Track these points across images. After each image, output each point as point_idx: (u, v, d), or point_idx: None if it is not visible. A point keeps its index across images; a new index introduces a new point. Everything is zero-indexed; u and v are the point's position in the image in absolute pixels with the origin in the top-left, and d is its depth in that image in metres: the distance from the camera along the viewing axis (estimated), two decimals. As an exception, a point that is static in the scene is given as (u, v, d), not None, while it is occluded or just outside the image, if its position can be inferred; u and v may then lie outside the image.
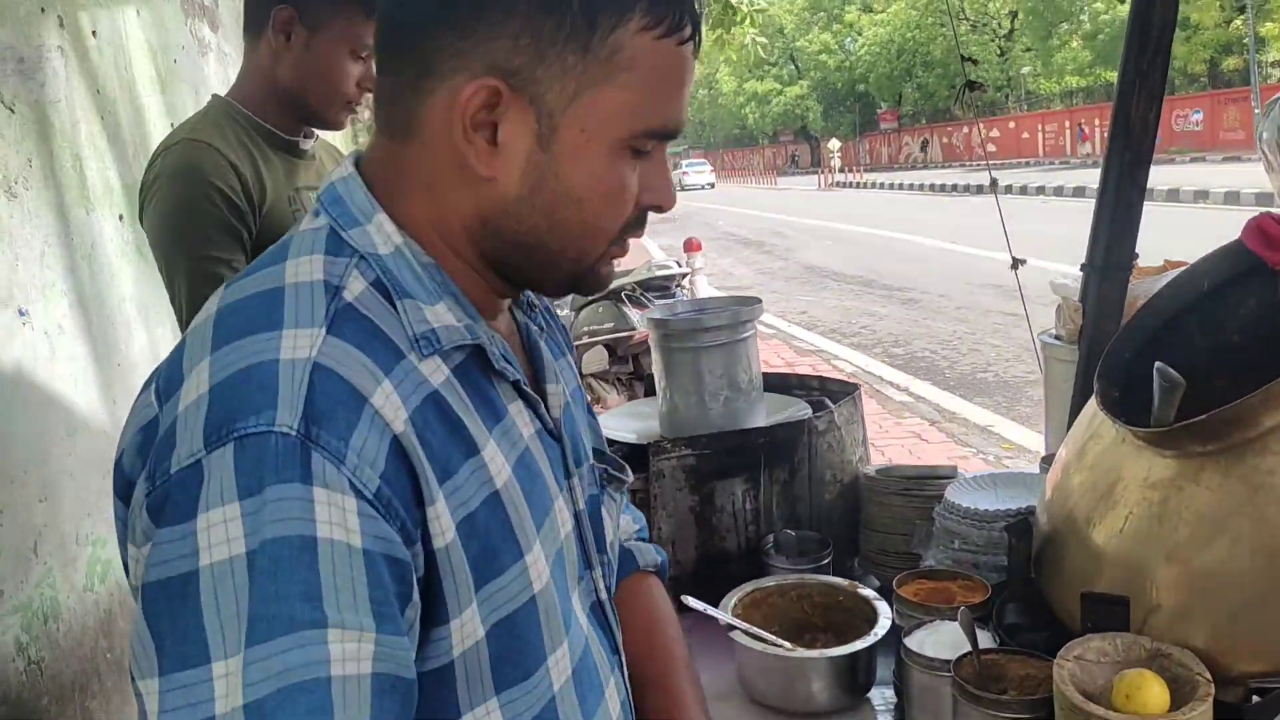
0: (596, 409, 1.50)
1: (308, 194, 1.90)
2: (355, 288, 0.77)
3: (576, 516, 0.92)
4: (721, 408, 1.89)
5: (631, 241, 0.88)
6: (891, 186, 33.09)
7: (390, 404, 0.72)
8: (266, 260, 0.81)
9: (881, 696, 1.50)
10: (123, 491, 0.76)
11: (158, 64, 2.99)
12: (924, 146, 41.91)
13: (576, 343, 6.89)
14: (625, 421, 2.08)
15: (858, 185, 36.58)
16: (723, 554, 1.79)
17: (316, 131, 2.01)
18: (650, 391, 2.13)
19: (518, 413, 0.85)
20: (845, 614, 1.57)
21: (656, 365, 1.96)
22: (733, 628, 1.50)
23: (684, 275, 6.97)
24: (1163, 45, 1.43)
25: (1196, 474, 1.19)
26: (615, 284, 6.72)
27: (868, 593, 1.57)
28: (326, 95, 1.87)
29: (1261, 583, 1.08)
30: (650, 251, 16.42)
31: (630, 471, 1.07)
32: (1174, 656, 1.12)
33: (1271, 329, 1.42)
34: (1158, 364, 1.19)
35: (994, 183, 2.29)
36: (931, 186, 29.22)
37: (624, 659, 0.99)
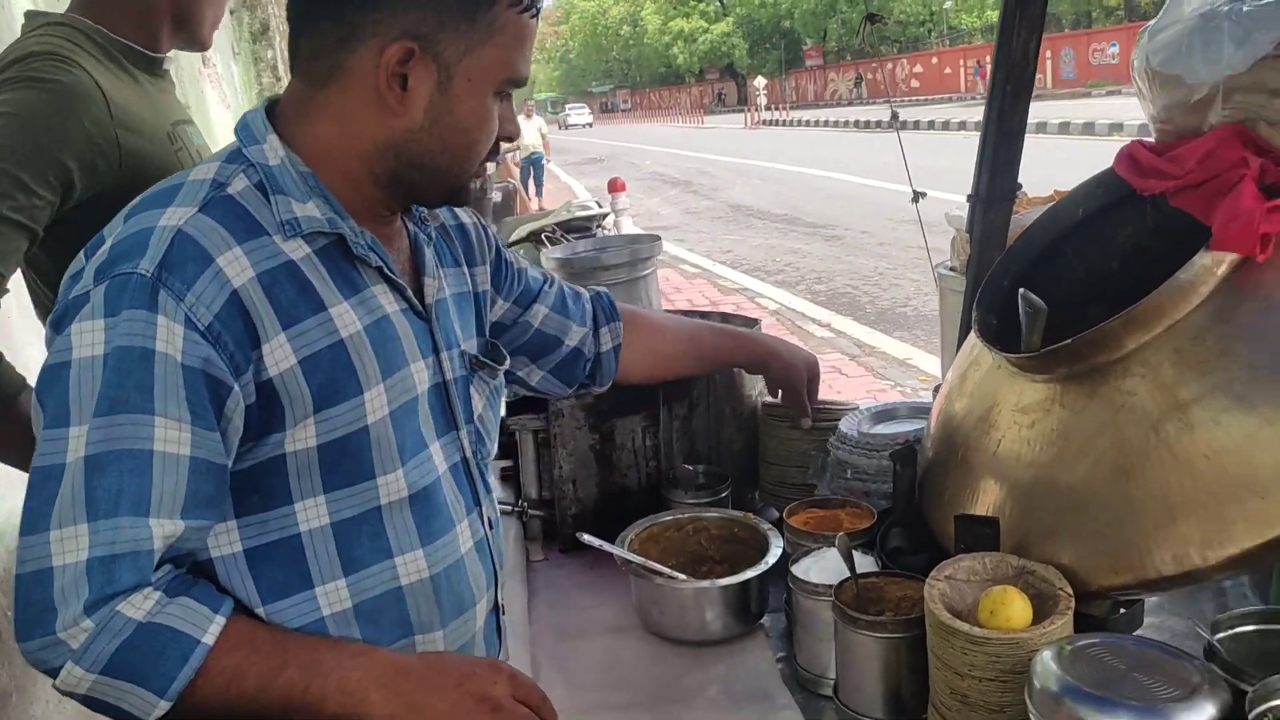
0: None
1: (184, 128, 1.77)
2: (237, 185, 1.04)
3: (445, 385, 1.18)
4: (621, 345, 1.89)
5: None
6: (818, 124, 33.15)
7: (236, 265, 0.99)
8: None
9: (774, 622, 1.54)
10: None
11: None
12: (858, 83, 41.78)
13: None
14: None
15: (784, 123, 36.56)
16: (624, 491, 1.80)
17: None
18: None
19: (381, 292, 1.11)
20: (741, 545, 1.60)
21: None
22: (629, 563, 1.52)
23: (605, 215, 6.91)
24: (1041, -26, 1.44)
25: (1063, 397, 1.22)
26: (535, 225, 6.65)
27: (762, 524, 1.60)
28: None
29: (1119, 500, 1.12)
30: (575, 192, 16.25)
31: (506, 362, 1.32)
32: (1038, 573, 1.16)
33: (1145, 255, 1.46)
34: (1021, 290, 1.22)
35: (894, 116, 2.30)
36: (857, 123, 29.34)
37: (486, 510, 1.24)
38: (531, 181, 15.43)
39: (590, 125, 56.14)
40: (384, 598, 1.10)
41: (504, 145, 1.16)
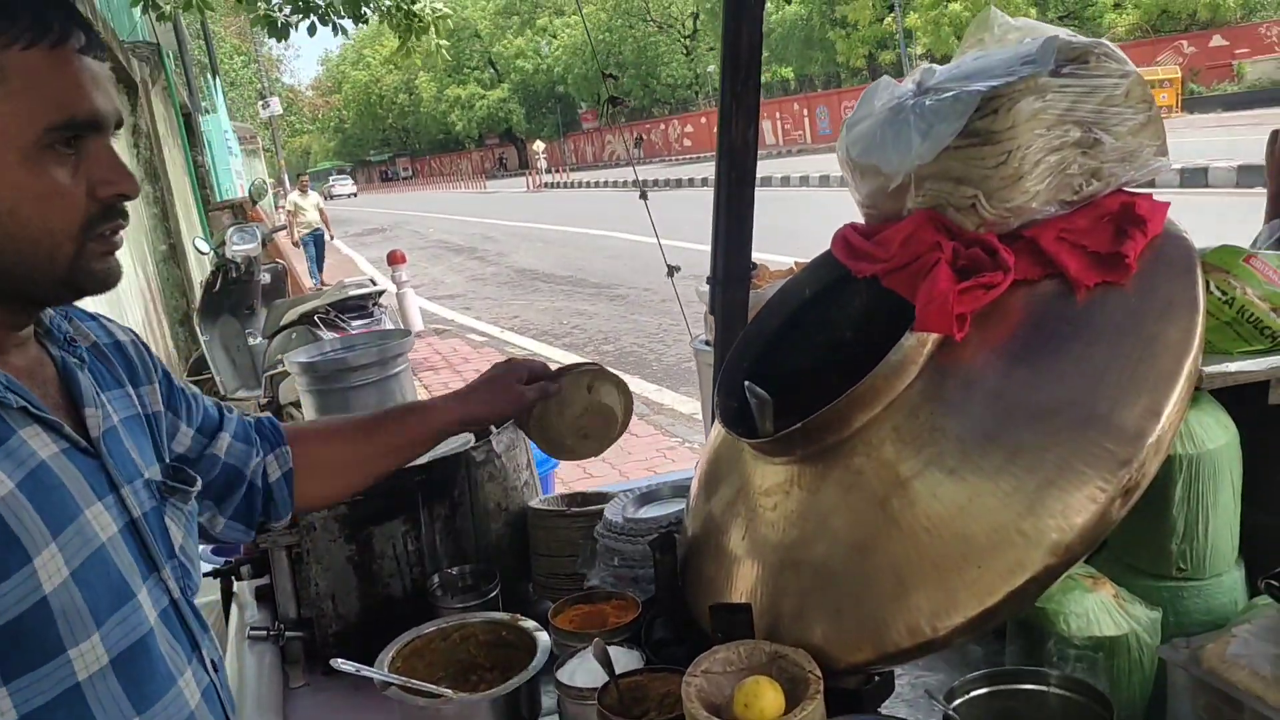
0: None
1: None
2: None
3: (134, 524, 1.03)
4: (377, 448, 1.82)
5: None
6: (598, 184, 33.88)
7: None
8: None
9: (552, 725, 1.50)
10: None
11: None
12: (638, 143, 42.84)
13: (271, 372, 6.52)
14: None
15: (565, 185, 37.16)
16: (388, 601, 1.72)
17: None
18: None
19: (32, 435, 0.94)
20: (510, 649, 1.55)
21: (306, 408, 1.86)
22: (388, 685, 1.44)
23: (381, 293, 6.77)
24: (753, 68, 1.51)
25: (799, 478, 1.25)
26: (307, 307, 6.42)
27: (528, 624, 1.55)
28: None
29: (856, 577, 1.16)
30: (359, 266, 15.88)
31: (198, 484, 1.17)
32: (789, 657, 1.18)
33: (876, 325, 1.53)
34: (746, 383, 1.25)
35: (643, 195, 2.35)
36: (633, 183, 30.18)
37: (206, 654, 1.10)
38: (313, 262, 14.74)
39: (354, 195, 56.70)
40: None
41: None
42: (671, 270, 2.24)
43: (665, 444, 6.14)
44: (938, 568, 1.10)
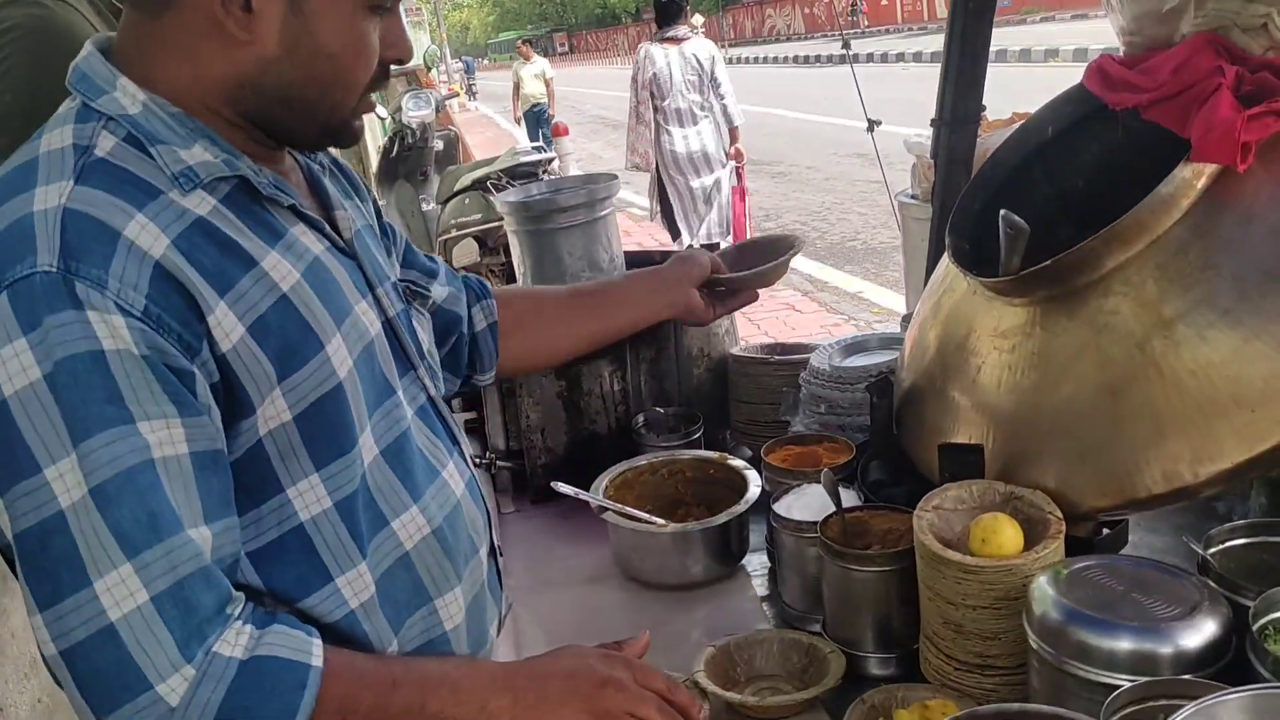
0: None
1: None
2: (105, 145, 0.87)
3: (389, 323, 1.06)
4: (583, 289, 1.84)
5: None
6: (757, 60, 32.89)
7: (147, 234, 0.83)
8: (30, 140, 0.91)
9: (757, 561, 1.52)
10: None
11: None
12: (854, 11, 38.82)
13: (445, 236, 6.71)
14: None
15: (724, 60, 36.19)
16: (594, 437, 1.77)
17: None
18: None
19: (302, 233, 0.97)
20: (717, 486, 1.58)
21: (515, 251, 1.89)
22: (605, 509, 1.49)
23: (549, 160, 6.79)
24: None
25: (1043, 319, 1.20)
26: (479, 174, 6.52)
27: (737, 463, 1.57)
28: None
29: (1105, 421, 1.11)
30: (518, 139, 16.01)
31: (434, 288, 1.25)
32: (1026, 498, 1.15)
33: (1114, 172, 1.44)
34: (1003, 212, 1.19)
35: (846, 44, 2.24)
36: (796, 58, 29.15)
37: (466, 449, 1.15)
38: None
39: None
40: (393, 570, 1.00)
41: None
42: (872, 124, 2.15)
43: (830, 320, 6.06)
44: (1202, 412, 1.04)
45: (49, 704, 2.39)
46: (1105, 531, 1.25)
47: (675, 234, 6.74)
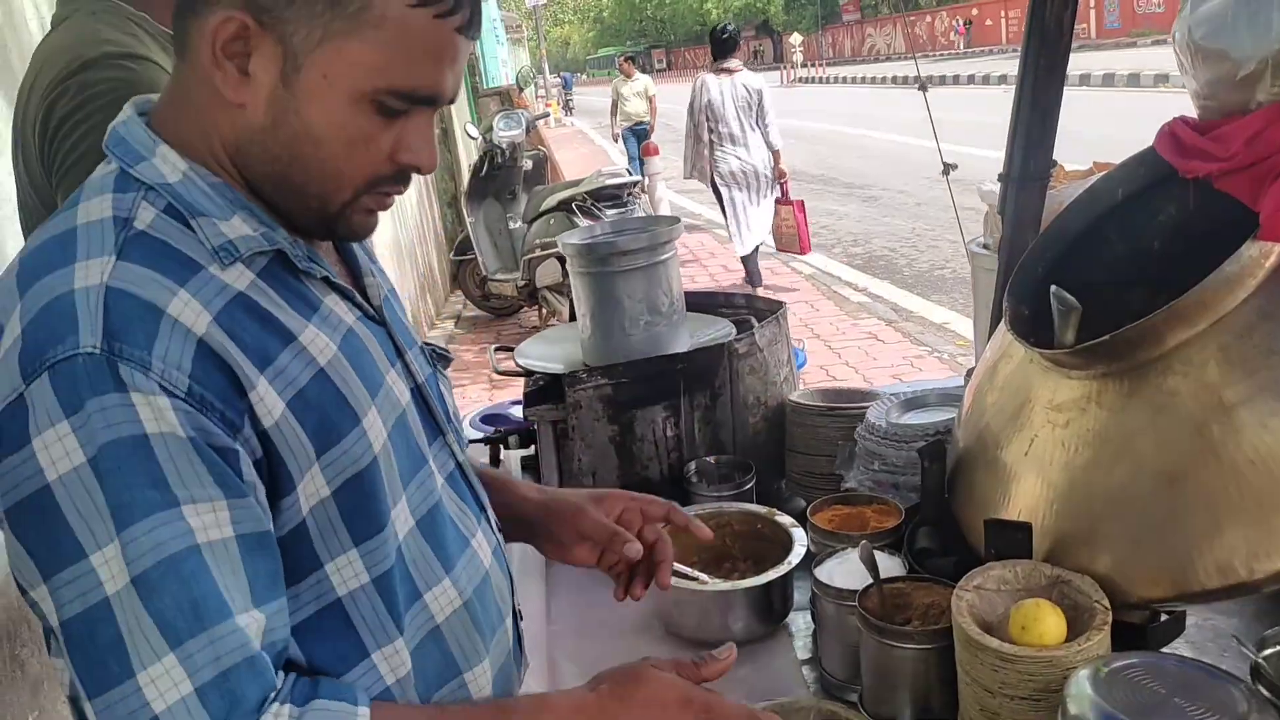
0: (552, 322, 1.42)
1: None
2: (146, 217, 0.85)
3: (419, 389, 1.04)
4: (642, 333, 1.84)
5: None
6: (855, 80, 32.59)
7: (189, 310, 0.82)
8: (64, 208, 0.89)
9: (802, 621, 1.49)
10: None
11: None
12: (968, 25, 37.37)
13: (529, 255, 6.77)
14: (545, 349, 2.04)
15: (821, 80, 35.98)
16: (645, 483, 1.76)
17: None
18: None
19: (335, 304, 0.95)
20: (764, 542, 1.56)
21: (575, 291, 1.90)
22: None
23: (636, 183, 6.84)
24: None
25: (1100, 395, 1.15)
26: (565, 194, 6.59)
27: (785, 520, 1.55)
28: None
29: (1161, 507, 1.06)
30: (611, 158, 16.13)
31: (451, 353, 1.20)
32: (1074, 584, 1.10)
33: (1191, 235, 1.38)
34: (1054, 288, 1.15)
35: (923, 86, 2.20)
36: (894, 79, 28.79)
37: (492, 517, 1.12)
38: (633, 160, 12.12)
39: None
40: (424, 644, 0.97)
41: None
42: (948, 168, 2.10)
43: (913, 352, 5.94)
44: (1260, 505, 0.99)
45: None
46: (1162, 618, 1.20)
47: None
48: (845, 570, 1.34)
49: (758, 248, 7.52)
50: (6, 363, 0.79)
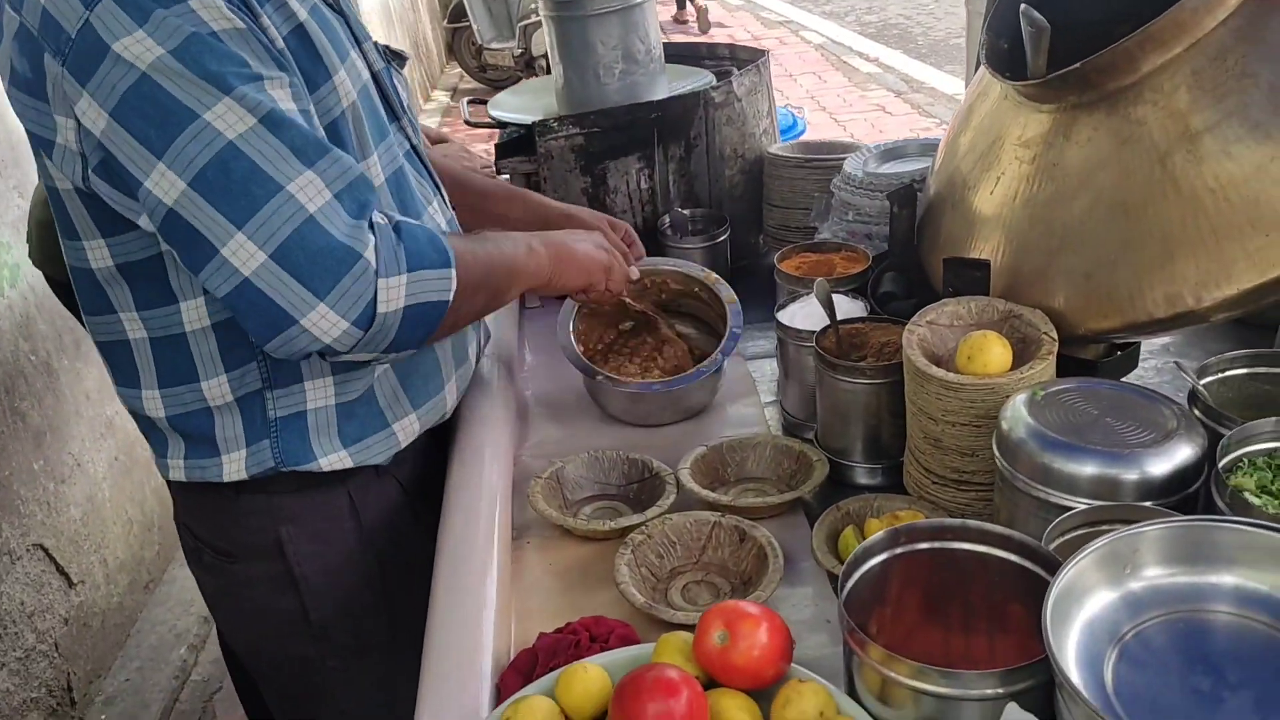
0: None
1: None
2: None
3: (375, 76, 1.17)
4: (617, 82, 1.78)
5: None
6: None
7: None
8: None
9: (769, 367, 1.51)
10: (28, 88, 0.96)
11: None
12: None
13: (525, 21, 6.50)
14: (522, 99, 1.98)
15: None
16: (620, 236, 1.74)
17: None
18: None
19: None
20: (699, 303, 1.52)
21: (548, 38, 1.82)
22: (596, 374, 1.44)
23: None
24: None
25: (1069, 128, 1.12)
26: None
27: (726, 293, 1.48)
28: None
29: (1115, 239, 1.05)
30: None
31: (406, 53, 1.34)
32: (1024, 317, 1.11)
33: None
34: (1023, 6, 1.09)
35: None
36: None
37: (444, 191, 1.30)
38: None
39: None
40: None
41: None
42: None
43: (920, 124, 5.78)
44: (1215, 233, 0.98)
45: (125, 462, 2.59)
46: (1117, 354, 1.21)
47: None
48: (806, 314, 1.34)
49: None
50: (56, 2, 0.90)
